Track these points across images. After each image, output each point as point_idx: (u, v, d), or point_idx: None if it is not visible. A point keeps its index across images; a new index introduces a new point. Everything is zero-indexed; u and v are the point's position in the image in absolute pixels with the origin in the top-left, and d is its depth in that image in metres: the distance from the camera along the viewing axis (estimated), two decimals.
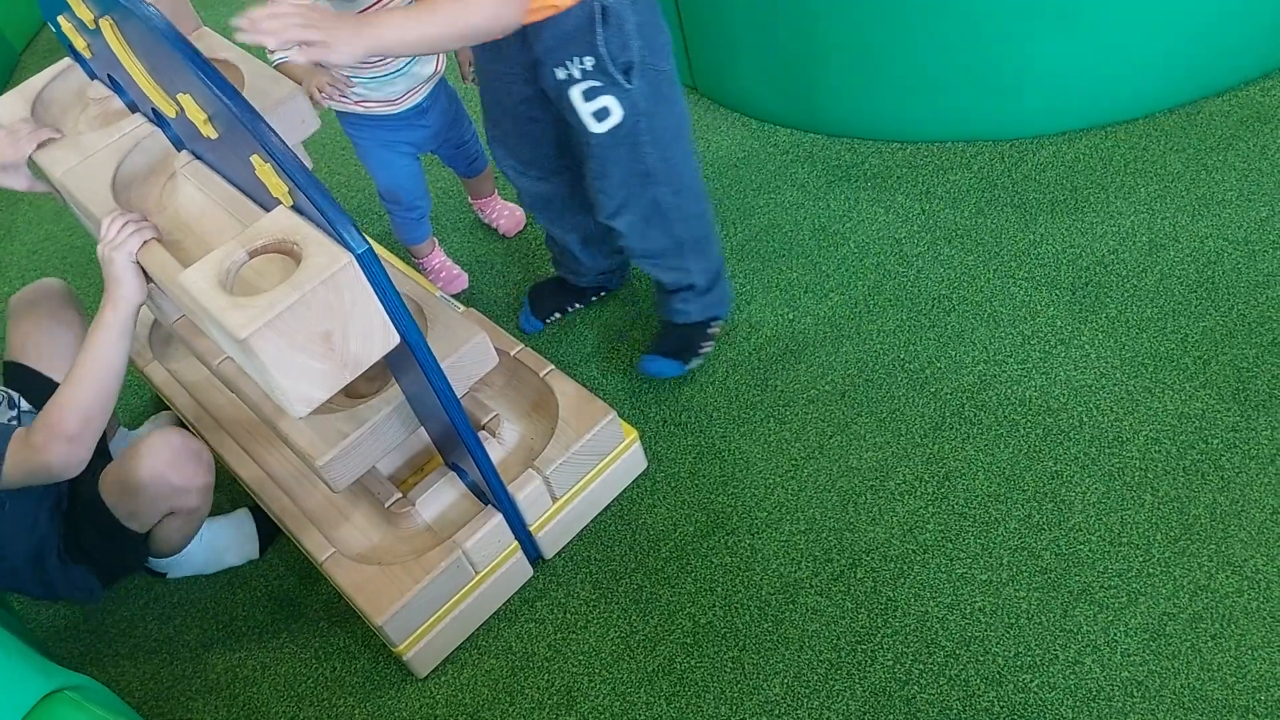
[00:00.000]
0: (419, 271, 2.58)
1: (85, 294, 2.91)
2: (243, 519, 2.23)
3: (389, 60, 2.11)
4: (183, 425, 2.31)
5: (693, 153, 2.04)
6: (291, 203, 1.46)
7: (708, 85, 2.87)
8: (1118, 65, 2.40)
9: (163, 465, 1.87)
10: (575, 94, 1.82)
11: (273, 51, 1.73)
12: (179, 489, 1.90)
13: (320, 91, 2.09)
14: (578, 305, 2.47)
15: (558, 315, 2.47)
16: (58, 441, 1.69)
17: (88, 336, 1.74)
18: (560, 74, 1.80)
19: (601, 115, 1.84)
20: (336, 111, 2.23)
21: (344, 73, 2.12)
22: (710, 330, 2.29)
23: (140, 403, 2.58)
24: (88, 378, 1.70)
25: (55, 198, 2.00)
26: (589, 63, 1.78)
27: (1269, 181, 2.32)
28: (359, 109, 2.18)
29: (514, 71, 1.90)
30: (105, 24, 1.64)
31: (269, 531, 2.23)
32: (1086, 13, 2.29)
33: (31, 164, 1.93)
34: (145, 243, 1.67)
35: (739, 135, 2.77)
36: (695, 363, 2.28)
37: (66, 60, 2.07)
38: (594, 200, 2.03)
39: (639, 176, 1.95)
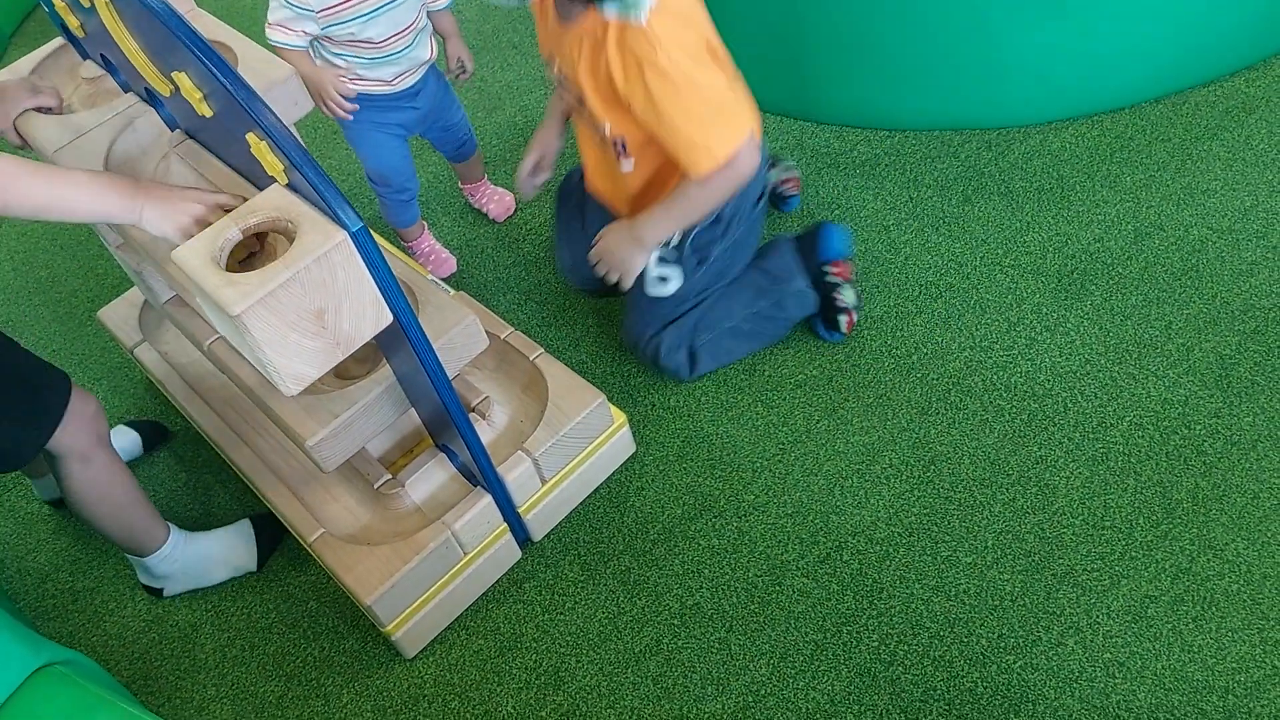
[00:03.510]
0: (408, 255, 2.59)
1: (74, 276, 2.91)
2: (241, 529, 2.19)
3: (389, 41, 2.11)
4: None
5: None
6: (286, 181, 1.47)
7: None
8: (1105, 55, 2.42)
9: None
10: (652, 257, 2.09)
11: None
12: None
13: (329, 103, 2.14)
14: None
15: None
16: None
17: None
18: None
19: (661, 282, 2.13)
20: None
21: (340, 58, 2.13)
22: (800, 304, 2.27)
23: (130, 384, 2.59)
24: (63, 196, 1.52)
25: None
26: (674, 238, 2.07)
27: (1253, 171, 2.34)
28: (352, 87, 2.18)
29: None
30: (101, 2, 1.64)
31: (271, 542, 2.19)
32: (1074, 3, 2.30)
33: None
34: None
35: None
36: (837, 334, 2.25)
37: (58, 40, 2.07)
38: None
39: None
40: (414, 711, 1.92)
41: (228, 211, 1.51)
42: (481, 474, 1.91)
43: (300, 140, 1.56)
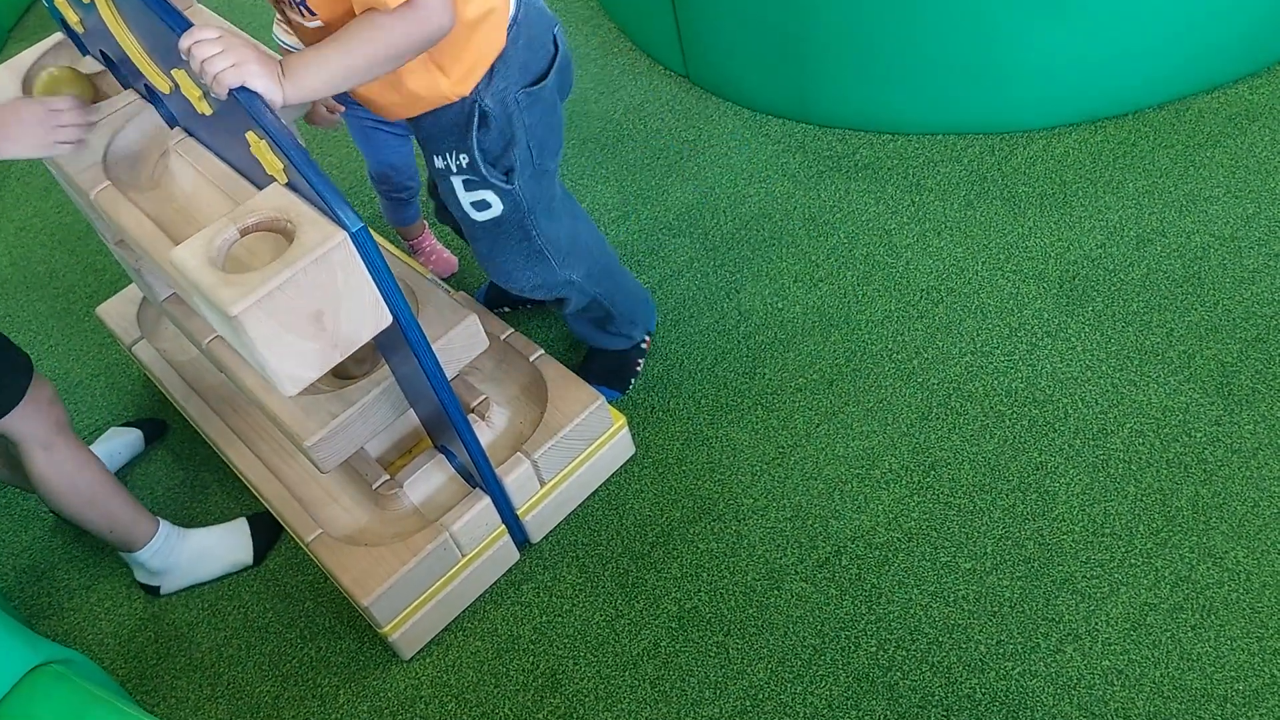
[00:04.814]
0: (409, 254, 2.58)
1: (73, 272, 2.90)
2: (238, 526, 2.19)
3: None
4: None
5: (574, 218, 2.00)
6: (285, 180, 1.46)
7: (701, 75, 2.87)
8: (1108, 61, 2.41)
9: None
10: (456, 182, 1.80)
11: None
12: None
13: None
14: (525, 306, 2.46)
15: (506, 309, 2.46)
16: None
17: None
18: (439, 162, 1.78)
19: (481, 207, 1.83)
20: None
21: None
22: (641, 351, 2.28)
23: (127, 381, 2.58)
24: None
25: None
26: (464, 160, 1.75)
27: (1255, 179, 2.34)
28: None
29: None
30: None
31: (268, 539, 2.19)
32: (1078, 7, 2.30)
33: None
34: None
35: (731, 125, 2.78)
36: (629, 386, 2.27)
37: (57, 35, 2.06)
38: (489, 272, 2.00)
39: (527, 256, 1.92)
40: (410, 713, 1.91)
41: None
42: (480, 475, 1.91)
43: (300, 139, 1.56)
